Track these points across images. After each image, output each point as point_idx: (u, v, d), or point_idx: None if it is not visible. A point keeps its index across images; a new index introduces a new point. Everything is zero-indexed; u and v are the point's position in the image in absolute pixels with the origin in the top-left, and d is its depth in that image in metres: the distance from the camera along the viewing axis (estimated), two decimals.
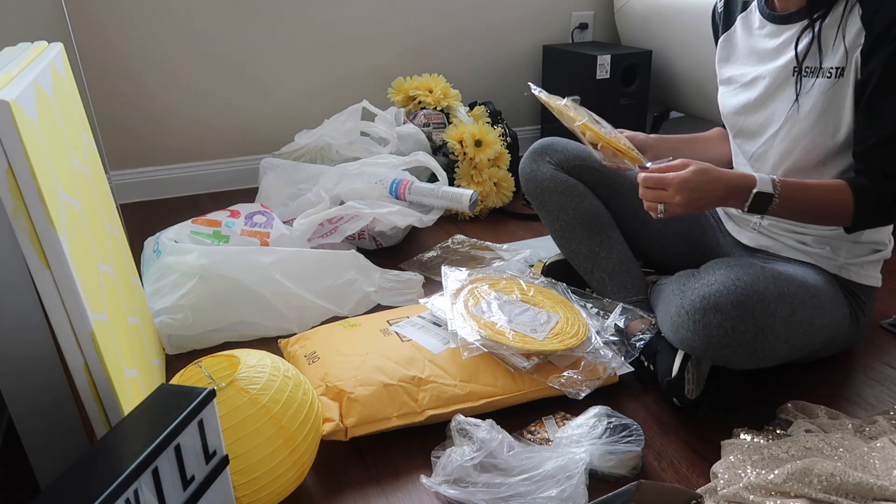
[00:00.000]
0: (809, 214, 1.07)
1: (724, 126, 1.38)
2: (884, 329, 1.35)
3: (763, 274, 1.01)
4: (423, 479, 0.95)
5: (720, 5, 1.26)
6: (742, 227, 1.27)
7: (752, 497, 0.87)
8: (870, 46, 0.99)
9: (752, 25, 1.18)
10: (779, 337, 0.99)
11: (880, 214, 1.06)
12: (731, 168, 1.32)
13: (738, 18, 1.21)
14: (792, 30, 1.09)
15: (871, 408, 1.12)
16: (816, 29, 1.05)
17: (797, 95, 1.08)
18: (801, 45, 1.07)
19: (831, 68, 1.04)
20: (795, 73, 1.08)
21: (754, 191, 1.02)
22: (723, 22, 1.25)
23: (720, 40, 1.25)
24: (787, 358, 1.07)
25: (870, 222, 1.07)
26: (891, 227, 1.16)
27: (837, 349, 1.22)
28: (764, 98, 1.14)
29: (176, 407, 0.73)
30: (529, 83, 1.38)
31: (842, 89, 1.04)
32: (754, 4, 1.17)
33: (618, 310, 1.22)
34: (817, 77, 1.06)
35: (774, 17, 1.12)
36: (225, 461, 0.80)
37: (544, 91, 1.29)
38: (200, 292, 1.30)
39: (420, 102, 2.12)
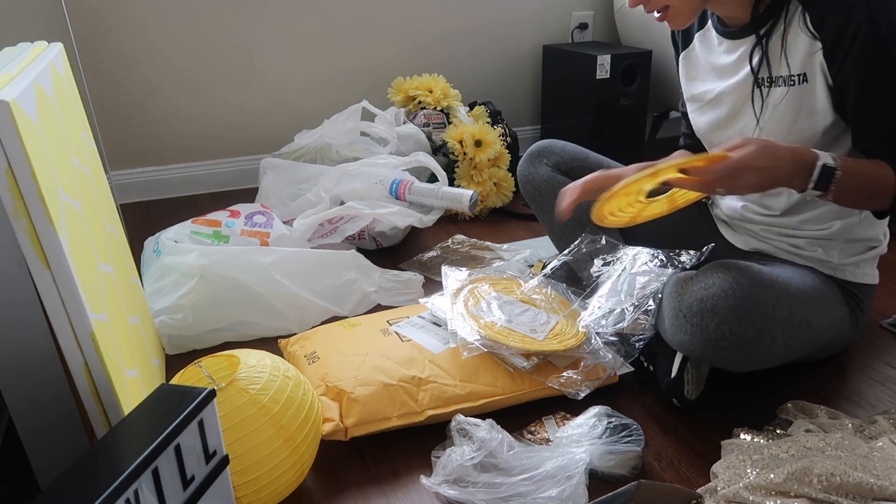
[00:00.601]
0: (862, 192, 1.01)
1: (685, 145, 1.37)
2: (884, 329, 1.35)
3: (760, 276, 1.01)
4: (423, 479, 0.95)
5: None
6: (737, 232, 1.27)
7: (752, 497, 0.87)
8: (830, 52, 0.98)
9: (711, 43, 1.18)
10: (777, 339, 0.99)
11: None
12: None
13: (696, 36, 1.21)
14: (746, 44, 1.09)
15: (871, 408, 1.12)
16: (765, 43, 1.05)
17: (761, 108, 1.08)
18: (755, 60, 1.07)
19: (793, 76, 1.03)
20: (755, 86, 1.08)
21: (819, 163, 0.96)
22: (682, 39, 1.25)
23: (680, 58, 1.25)
24: (786, 360, 1.07)
25: None
26: (886, 221, 1.15)
27: (837, 349, 1.22)
28: (733, 113, 1.15)
29: (176, 407, 0.73)
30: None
31: (810, 93, 1.03)
32: (710, 23, 1.17)
33: None
34: (778, 86, 1.06)
35: (727, 32, 1.13)
36: (225, 461, 0.80)
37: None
38: (200, 292, 1.30)
39: (420, 102, 2.12)
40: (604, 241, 1.28)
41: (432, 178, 1.85)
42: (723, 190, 0.95)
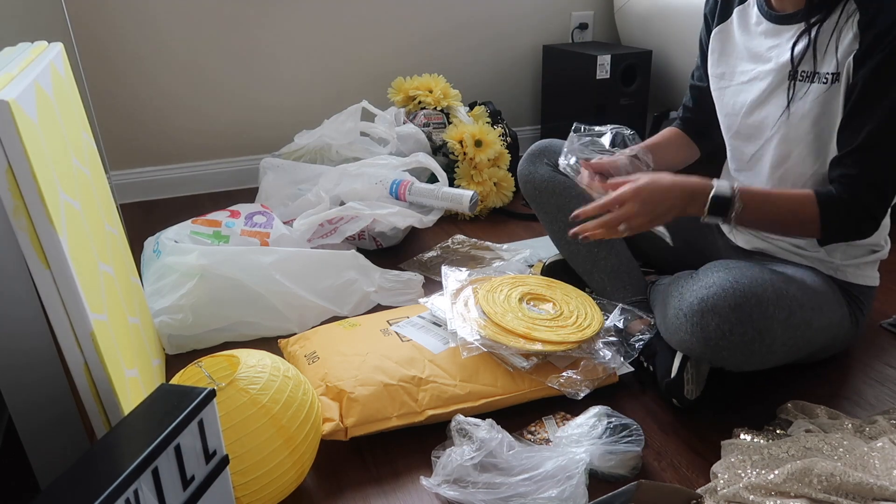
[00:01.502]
0: (774, 225, 1.07)
1: (682, 118, 1.37)
2: (884, 329, 1.35)
3: (761, 276, 1.00)
4: (423, 480, 0.95)
5: None
6: (740, 231, 1.27)
7: (752, 497, 0.87)
8: (862, 52, 0.98)
9: (749, 21, 1.15)
10: (776, 339, 0.99)
11: (849, 229, 1.04)
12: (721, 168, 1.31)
13: (735, 11, 1.17)
14: (790, 31, 1.07)
15: (871, 408, 1.12)
16: (813, 33, 1.03)
17: (789, 101, 1.07)
18: (798, 49, 1.05)
19: (827, 73, 1.02)
20: (790, 77, 1.06)
21: (711, 194, 1.01)
22: (719, 12, 1.21)
23: (714, 31, 1.22)
24: (786, 360, 1.07)
25: (839, 237, 1.06)
26: (887, 228, 1.15)
27: (837, 350, 1.21)
28: (760, 100, 1.12)
29: (176, 407, 0.73)
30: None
31: (835, 95, 1.02)
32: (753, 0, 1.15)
33: (617, 310, 1.22)
34: (813, 82, 1.04)
35: (773, 16, 1.10)
36: (225, 461, 0.80)
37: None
38: (200, 292, 1.30)
39: (420, 102, 2.12)
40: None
41: (432, 179, 1.85)
42: (623, 226, 1.04)
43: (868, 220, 1.03)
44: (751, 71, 1.14)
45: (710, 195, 1.02)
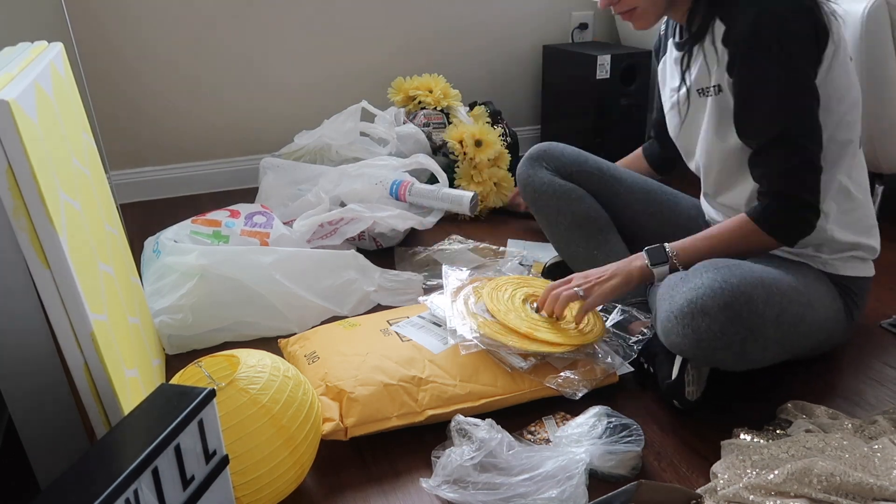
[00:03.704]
0: (725, 252, 1.09)
1: (644, 151, 1.49)
2: (884, 329, 1.35)
3: (751, 275, 1.00)
4: (423, 482, 0.95)
5: (661, 29, 1.29)
6: None
7: (752, 497, 0.87)
8: (730, 62, 1.05)
9: (673, 51, 1.22)
10: (769, 338, 0.99)
11: (793, 223, 1.06)
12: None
13: (669, 43, 1.24)
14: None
15: (871, 408, 1.12)
16: (694, 53, 1.12)
17: (684, 116, 1.19)
18: (684, 69, 1.15)
19: (711, 87, 1.10)
20: (688, 95, 1.16)
21: (645, 248, 1.11)
22: (661, 47, 1.29)
23: (660, 65, 1.29)
24: (782, 357, 1.07)
25: (793, 234, 1.07)
26: (866, 221, 1.15)
27: (835, 343, 1.21)
28: (681, 120, 1.21)
29: (176, 407, 0.73)
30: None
31: (724, 106, 1.09)
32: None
33: (616, 311, 1.22)
34: (706, 96, 1.13)
35: (675, 43, 1.19)
36: (225, 461, 0.80)
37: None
38: (200, 292, 1.30)
39: (420, 102, 2.12)
40: None
41: (432, 179, 1.85)
42: (577, 289, 1.13)
43: (802, 207, 1.05)
44: (674, 97, 1.22)
45: (644, 249, 1.11)
